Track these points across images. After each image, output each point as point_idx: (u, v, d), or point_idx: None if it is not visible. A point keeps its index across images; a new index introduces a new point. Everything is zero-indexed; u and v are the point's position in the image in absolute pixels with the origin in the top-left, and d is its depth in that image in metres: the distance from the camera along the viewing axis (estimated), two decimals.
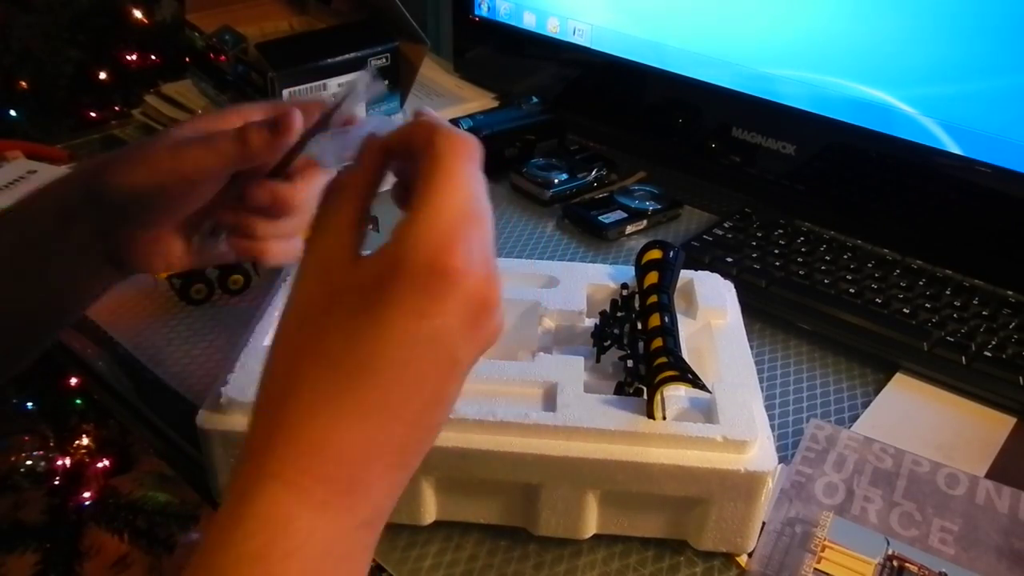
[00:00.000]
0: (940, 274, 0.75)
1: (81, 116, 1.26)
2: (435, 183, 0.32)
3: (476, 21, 1.09)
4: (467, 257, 0.31)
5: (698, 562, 0.51)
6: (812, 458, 0.58)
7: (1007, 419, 0.63)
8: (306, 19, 1.05)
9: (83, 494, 1.27)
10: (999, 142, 0.72)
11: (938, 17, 0.73)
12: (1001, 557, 0.51)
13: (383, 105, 1.01)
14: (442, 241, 0.31)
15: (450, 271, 0.30)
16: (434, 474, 0.50)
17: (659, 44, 0.92)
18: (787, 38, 0.83)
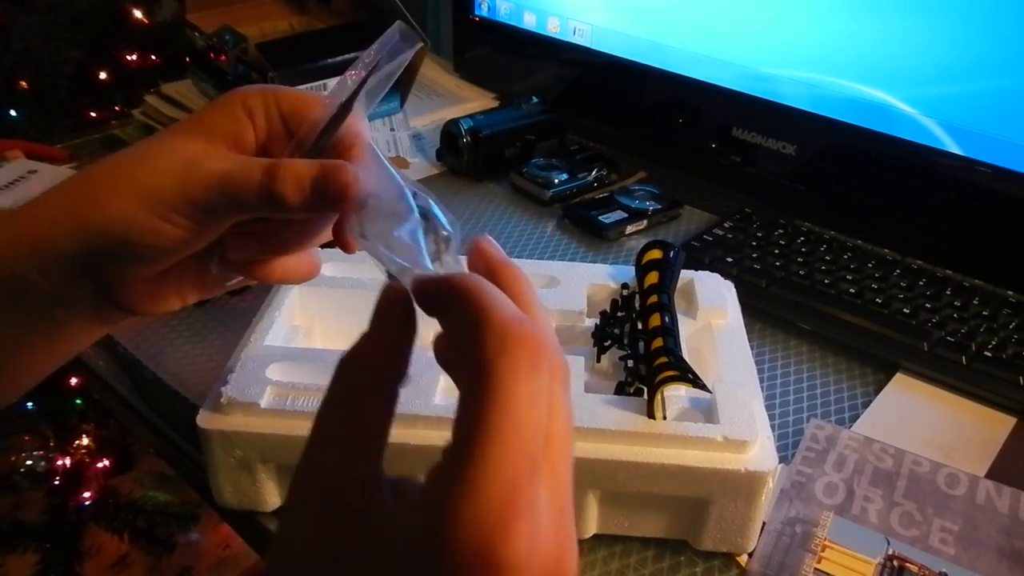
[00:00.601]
0: (940, 274, 0.75)
1: (81, 116, 1.26)
2: (486, 420, 0.23)
3: (476, 21, 1.10)
4: (531, 539, 0.22)
5: (698, 562, 0.51)
6: (812, 458, 0.58)
7: (1007, 419, 0.63)
8: (306, 19, 1.05)
9: (83, 494, 1.27)
10: (999, 142, 0.72)
11: (938, 17, 0.73)
12: (1001, 557, 0.51)
13: (383, 105, 1.01)
14: (498, 521, 0.22)
15: (507, 566, 0.22)
16: None
17: (659, 44, 0.92)
18: (787, 38, 0.83)
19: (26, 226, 0.36)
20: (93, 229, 0.35)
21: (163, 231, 0.35)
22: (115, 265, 0.37)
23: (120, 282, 0.38)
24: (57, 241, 0.35)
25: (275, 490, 0.53)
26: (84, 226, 0.35)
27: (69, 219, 0.35)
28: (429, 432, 0.49)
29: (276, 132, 0.38)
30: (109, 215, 0.35)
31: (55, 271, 0.36)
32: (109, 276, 0.37)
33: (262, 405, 0.49)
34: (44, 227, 0.36)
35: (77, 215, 0.35)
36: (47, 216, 0.36)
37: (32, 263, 0.36)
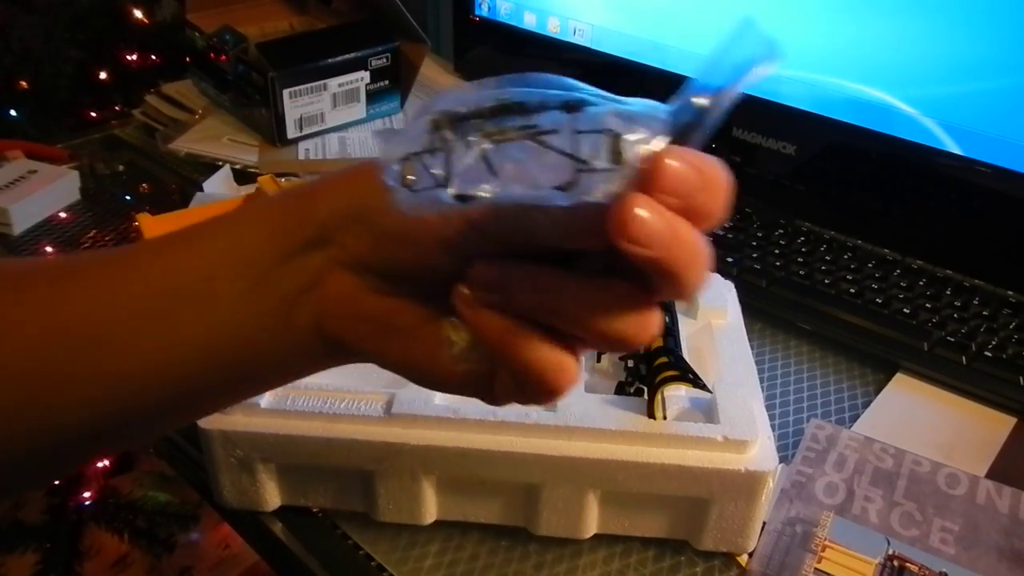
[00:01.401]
0: (940, 274, 0.75)
1: (81, 116, 1.26)
2: None
3: (476, 21, 1.09)
4: None
5: (698, 562, 0.51)
6: (812, 458, 0.58)
7: (1007, 419, 0.63)
8: (306, 19, 1.05)
9: (83, 494, 1.26)
10: (999, 142, 0.72)
11: (938, 18, 0.73)
12: (1001, 557, 0.51)
13: (383, 105, 1.01)
14: None
15: None
16: (435, 474, 0.50)
17: (659, 44, 0.92)
18: (787, 38, 0.83)
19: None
20: (354, 198, 0.29)
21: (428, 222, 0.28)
22: (352, 240, 0.29)
23: (345, 284, 0.30)
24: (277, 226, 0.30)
25: (275, 490, 0.53)
26: (348, 194, 0.30)
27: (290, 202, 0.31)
28: (429, 432, 0.49)
29: None
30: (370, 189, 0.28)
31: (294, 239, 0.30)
32: (343, 255, 0.30)
33: (262, 405, 0.49)
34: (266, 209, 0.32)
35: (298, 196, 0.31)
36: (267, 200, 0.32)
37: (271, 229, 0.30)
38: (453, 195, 0.24)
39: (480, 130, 0.25)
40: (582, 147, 0.23)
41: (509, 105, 0.25)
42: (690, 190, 0.23)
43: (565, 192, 0.23)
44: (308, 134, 0.96)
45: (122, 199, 0.90)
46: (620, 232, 0.23)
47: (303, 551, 0.52)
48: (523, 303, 0.27)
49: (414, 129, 0.25)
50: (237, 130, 0.98)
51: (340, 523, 0.53)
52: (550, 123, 0.24)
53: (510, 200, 0.24)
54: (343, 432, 0.49)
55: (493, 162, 0.24)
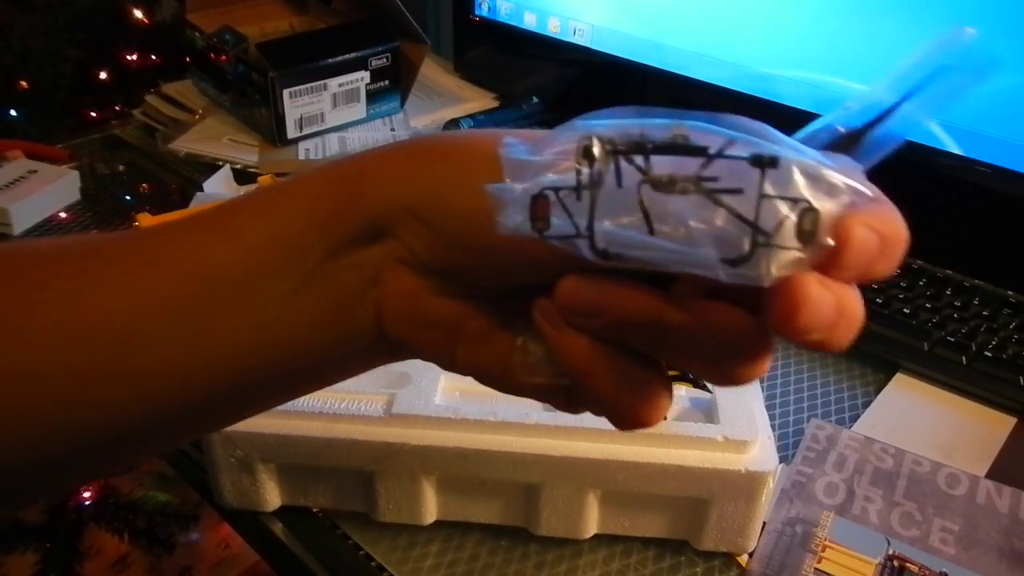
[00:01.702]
0: (940, 274, 0.75)
1: (81, 116, 1.26)
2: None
3: (476, 21, 1.09)
4: None
5: (699, 562, 0.51)
6: (813, 458, 0.58)
7: (1007, 419, 0.63)
8: (306, 19, 1.05)
9: (83, 494, 1.26)
10: (999, 142, 0.72)
11: (938, 17, 0.73)
12: (1002, 557, 0.51)
13: (383, 105, 1.01)
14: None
15: None
16: (435, 474, 0.50)
17: (659, 44, 0.92)
18: (787, 38, 0.83)
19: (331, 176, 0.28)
20: (417, 186, 0.26)
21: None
22: (414, 236, 0.26)
23: (406, 283, 0.27)
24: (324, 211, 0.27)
25: (275, 490, 0.53)
26: (409, 180, 0.26)
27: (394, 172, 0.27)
28: (429, 432, 0.49)
29: None
30: (445, 175, 0.26)
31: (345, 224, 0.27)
32: (399, 251, 0.27)
33: None
34: (309, 184, 0.28)
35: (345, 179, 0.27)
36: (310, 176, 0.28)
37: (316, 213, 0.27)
38: (592, 248, 0.20)
39: (645, 172, 0.20)
40: (765, 215, 0.19)
41: (685, 146, 0.20)
42: (872, 261, 0.21)
43: (732, 266, 0.19)
44: (308, 134, 0.96)
45: (122, 199, 0.90)
46: (787, 320, 0.20)
47: (303, 551, 0.52)
48: (620, 332, 0.23)
49: (556, 151, 0.21)
50: (237, 130, 0.98)
51: (340, 523, 0.53)
52: (734, 179, 0.20)
53: (662, 266, 0.20)
54: (343, 432, 0.49)
55: (653, 218, 0.20)
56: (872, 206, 0.21)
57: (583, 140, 0.20)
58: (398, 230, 0.26)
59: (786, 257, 0.19)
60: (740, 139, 0.20)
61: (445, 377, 0.52)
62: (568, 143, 0.21)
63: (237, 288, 0.27)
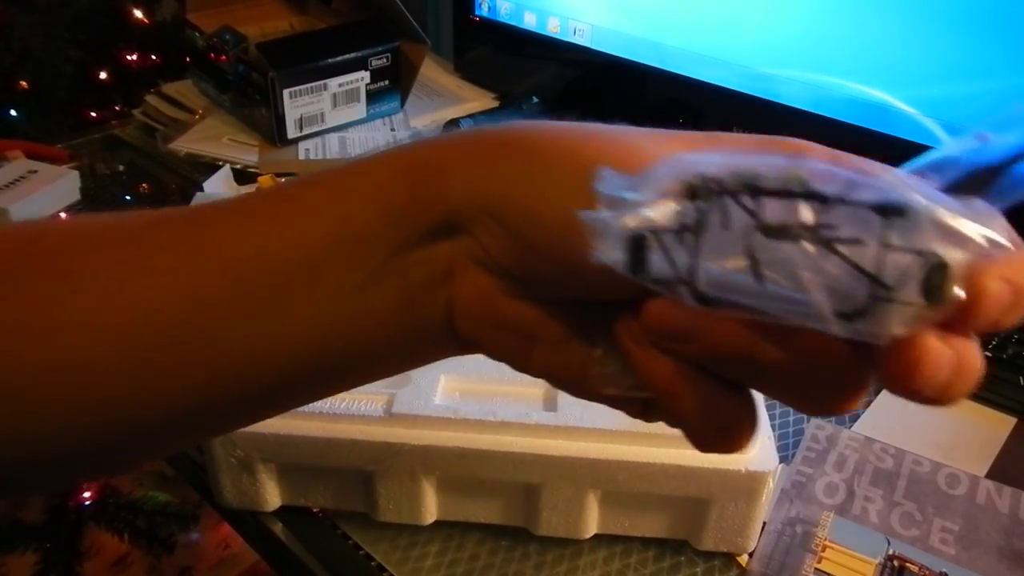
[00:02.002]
0: None
1: (81, 116, 1.26)
2: None
3: (476, 21, 1.09)
4: None
5: (699, 562, 0.51)
6: (813, 458, 0.58)
7: (1007, 419, 0.63)
8: (306, 19, 1.05)
9: (83, 494, 1.26)
10: None
11: (939, 17, 0.73)
12: (1002, 557, 0.51)
13: (383, 105, 1.01)
14: None
15: None
16: (435, 474, 0.50)
17: (659, 44, 0.92)
18: (787, 38, 0.83)
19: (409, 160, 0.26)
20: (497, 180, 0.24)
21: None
22: (489, 231, 0.25)
23: (480, 283, 0.26)
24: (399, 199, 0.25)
25: (276, 490, 0.53)
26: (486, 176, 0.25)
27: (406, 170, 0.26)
28: (429, 432, 0.49)
29: None
30: (530, 177, 0.24)
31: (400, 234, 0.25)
32: (473, 249, 0.25)
33: None
34: (380, 168, 0.26)
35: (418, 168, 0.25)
36: (381, 158, 0.26)
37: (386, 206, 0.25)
38: (694, 294, 0.19)
39: (755, 216, 0.18)
40: (888, 268, 0.17)
41: (801, 192, 0.18)
42: (1002, 314, 0.19)
43: (848, 320, 0.18)
44: (308, 134, 0.96)
45: (122, 199, 0.90)
46: (902, 381, 0.19)
47: (303, 551, 0.52)
48: (707, 359, 0.22)
49: (659, 189, 0.19)
50: (237, 130, 0.98)
51: (340, 523, 0.53)
52: (855, 227, 0.18)
53: (768, 316, 0.19)
54: (343, 432, 0.49)
55: (762, 265, 0.18)
56: (1005, 255, 0.19)
57: (690, 179, 0.19)
58: (475, 229, 0.25)
59: (909, 313, 0.18)
60: (863, 183, 0.18)
61: (445, 377, 0.52)
62: (673, 180, 0.19)
63: (299, 281, 0.25)
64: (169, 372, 0.25)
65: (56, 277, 0.25)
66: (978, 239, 0.18)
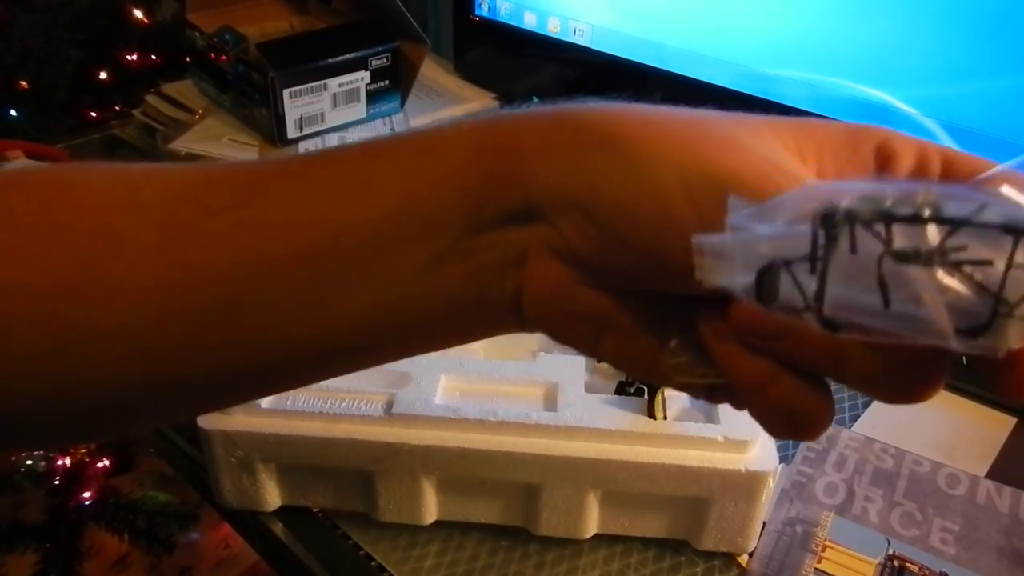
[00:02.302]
0: None
1: (81, 116, 1.26)
2: None
3: (476, 21, 1.09)
4: None
5: (699, 562, 0.51)
6: (813, 458, 0.58)
7: (1007, 419, 0.63)
8: (306, 19, 1.05)
9: (83, 494, 1.27)
10: (999, 142, 0.72)
11: (938, 17, 0.73)
12: (1002, 557, 0.51)
13: (383, 105, 1.01)
14: None
15: None
16: (435, 474, 0.50)
17: (659, 44, 0.92)
18: (787, 38, 0.83)
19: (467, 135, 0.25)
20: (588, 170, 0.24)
21: (677, 216, 0.22)
22: (571, 227, 0.24)
23: (554, 271, 0.25)
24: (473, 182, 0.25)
25: (276, 490, 0.53)
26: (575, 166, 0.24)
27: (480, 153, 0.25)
28: (429, 432, 0.49)
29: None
30: (620, 169, 0.23)
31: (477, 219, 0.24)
32: (551, 239, 0.24)
33: (263, 405, 0.49)
34: (451, 147, 0.25)
35: (494, 152, 0.25)
36: (453, 135, 0.26)
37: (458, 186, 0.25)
38: (823, 321, 0.19)
39: (886, 243, 0.18)
40: (1012, 285, 0.18)
41: (928, 217, 0.18)
42: None
43: (969, 336, 0.18)
44: (308, 134, 0.96)
45: None
46: (1018, 390, 0.20)
47: (303, 551, 0.52)
48: (793, 357, 0.22)
49: (791, 218, 0.19)
50: (237, 130, 0.98)
51: (340, 523, 0.53)
52: (984, 248, 0.18)
53: (891, 336, 0.19)
54: (343, 432, 0.49)
55: (890, 290, 0.18)
56: None
57: (824, 208, 0.19)
58: (557, 219, 0.24)
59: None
60: (993, 203, 0.18)
61: (445, 377, 0.52)
62: (805, 209, 0.19)
63: (363, 257, 0.24)
64: (220, 339, 0.25)
65: (97, 237, 0.24)
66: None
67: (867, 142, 0.25)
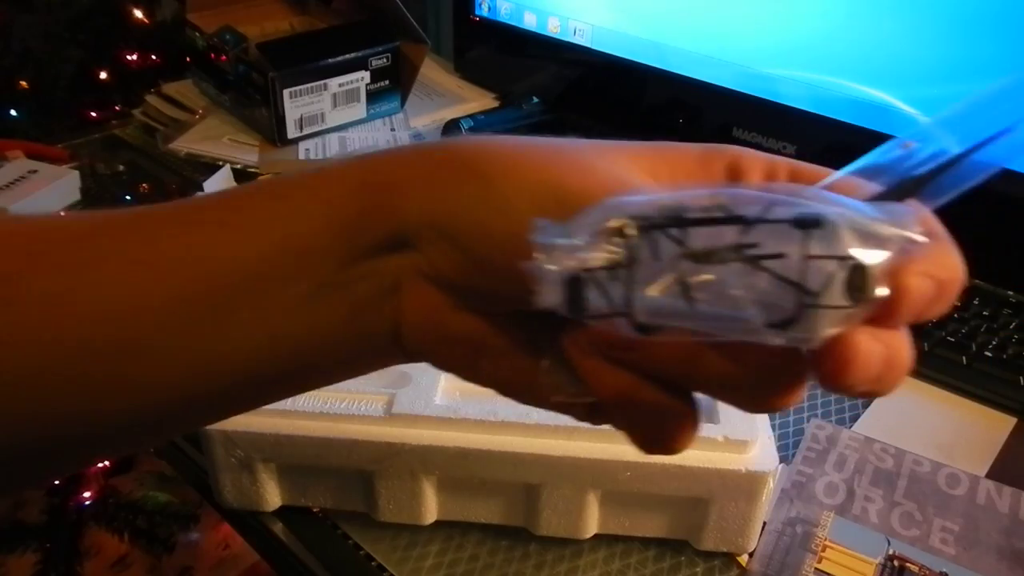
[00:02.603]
0: None
1: (81, 116, 1.26)
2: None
3: (476, 21, 1.09)
4: None
5: (699, 562, 0.51)
6: (813, 458, 0.58)
7: (1007, 419, 0.63)
8: (306, 19, 1.05)
9: (83, 494, 1.26)
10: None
11: (939, 17, 0.73)
12: (1002, 557, 0.51)
13: (383, 105, 1.01)
14: None
15: None
16: (435, 474, 0.50)
17: (659, 44, 0.92)
18: (787, 38, 0.83)
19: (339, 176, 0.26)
20: (446, 201, 0.25)
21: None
22: (438, 245, 0.25)
23: (427, 298, 0.26)
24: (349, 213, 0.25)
25: (276, 490, 0.53)
26: (436, 196, 0.25)
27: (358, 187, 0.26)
28: (429, 432, 0.49)
29: None
30: (478, 195, 0.24)
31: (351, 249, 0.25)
32: (420, 263, 0.25)
33: None
34: (333, 185, 0.26)
35: (369, 185, 0.26)
36: (335, 173, 0.27)
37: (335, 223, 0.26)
38: (633, 325, 0.20)
39: (682, 244, 0.19)
40: (811, 276, 0.19)
41: (721, 218, 0.20)
42: (927, 306, 0.20)
43: (780, 329, 0.19)
44: (308, 134, 0.96)
45: (122, 199, 0.90)
46: (836, 378, 0.20)
47: (303, 551, 0.52)
48: (653, 367, 0.23)
49: (590, 231, 0.20)
50: (237, 130, 0.98)
51: (340, 523, 0.53)
52: (776, 243, 0.19)
53: (706, 335, 0.20)
54: (343, 432, 0.49)
55: (692, 289, 0.19)
56: (927, 251, 0.20)
57: (616, 218, 0.20)
58: (425, 246, 0.25)
59: (836, 316, 0.19)
60: (781, 201, 0.19)
61: (445, 377, 0.52)
62: (601, 222, 0.20)
63: (248, 292, 0.25)
64: (110, 384, 0.25)
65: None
66: (895, 239, 0.19)
67: (718, 161, 0.27)
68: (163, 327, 0.25)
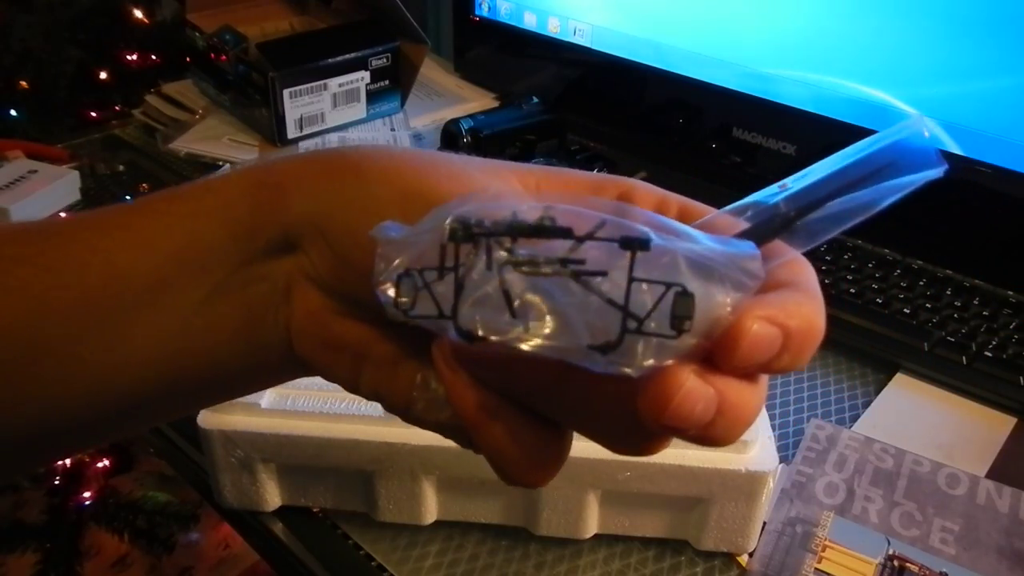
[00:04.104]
0: (940, 274, 0.75)
1: (81, 116, 1.26)
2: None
3: (476, 21, 1.09)
4: None
5: (699, 562, 0.51)
6: (813, 458, 0.58)
7: (1007, 419, 0.63)
8: (306, 19, 1.05)
9: (83, 494, 1.26)
10: (999, 142, 0.72)
11: (938, 17, 0.73)
12: (1002, 557, 0.51)
13: (383, 105, 1.01)
14: None
15: None
16: (435, 474, 0.50)
17: (659, 44, 0.92)
18: (787, 38, 0.83)
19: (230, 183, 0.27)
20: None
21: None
22: (315, 255, 0.25)
23: (312, 301, 0.26)
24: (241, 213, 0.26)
25: (276, 490, 0.53)
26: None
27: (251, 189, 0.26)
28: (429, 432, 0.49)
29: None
30: (354, 196, 0.25)
31: (244, 245, 0.26)
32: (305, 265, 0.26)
33: (263, 405, 0.49)
34: (227, 187, 0.27)
35: (261, 185, 0.26)
36: (230, 178, 0.27)
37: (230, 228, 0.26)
38: (456, 330, 0.19)
39: (509, 254, 0.19)
40: (636, 299, 0.18)
41: (551, 228, 0.19)
42: (772, 356, 0.19)
43: (602, 353, 0.18)
44: (308, 134, 0.96)
45: (122, 199, 0.90)
46: (654, 414, 0.18)
47: (303, 551, 0.52)
48: (513, 388, 0.22)
49: (427, 233, 0.20)
50: (237, 130, 0.98)
51: (340, 523, 0.53)
52: (602, 261, 0.18)
53: (524, 351, 0.19)
54: (343, 432, 0.49)
55: (514, 299, 0.19)
56: (782, 297, 0.19)
57: (450, 222, 0.20)
58: (307, 246, 0.25)
59: (660, 346, 0.18)
60: (612, 221, 0.19)
61: None
62: (438, 225, 0.20)
63: (148, 295, 0.25)
64: (19, 392, 0.25)
65: None
66: (734, 275, 0.18)
67: (611, 190, 0.26)
68: (72, 329, 0.25)
